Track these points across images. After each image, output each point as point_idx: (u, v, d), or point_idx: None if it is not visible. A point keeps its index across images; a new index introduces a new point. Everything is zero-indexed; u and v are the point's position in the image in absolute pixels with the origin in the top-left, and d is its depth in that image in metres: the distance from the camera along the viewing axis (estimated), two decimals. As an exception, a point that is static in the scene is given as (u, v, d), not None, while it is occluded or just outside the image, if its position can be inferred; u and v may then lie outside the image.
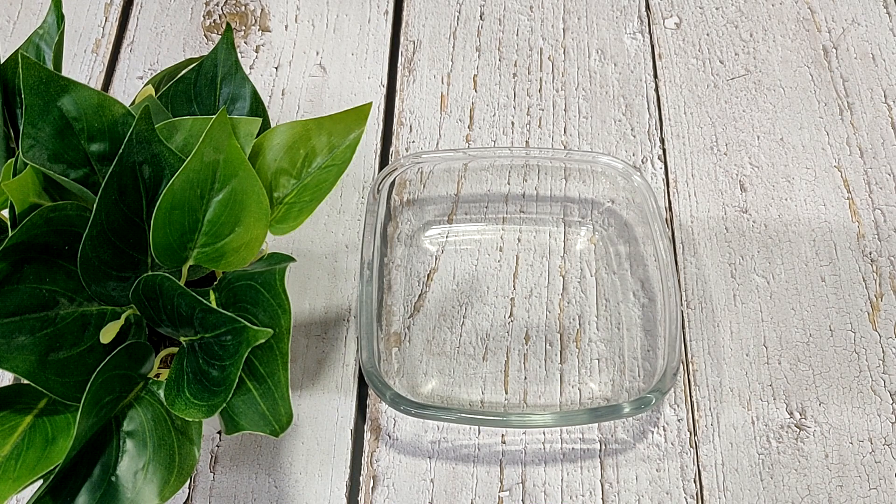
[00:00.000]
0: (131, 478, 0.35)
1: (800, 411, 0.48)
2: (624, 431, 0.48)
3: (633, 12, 0.64)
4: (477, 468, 0.47)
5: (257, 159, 0.41)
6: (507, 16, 0.64)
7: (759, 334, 0.51)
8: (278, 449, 0.47)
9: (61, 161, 0.36)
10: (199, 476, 0.47)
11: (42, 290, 0.34)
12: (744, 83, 0.61)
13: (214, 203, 0.37)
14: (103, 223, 0.35)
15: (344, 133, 0.42)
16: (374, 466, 0.47)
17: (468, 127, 0.59)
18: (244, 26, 0.64)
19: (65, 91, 0.36)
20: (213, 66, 0.43)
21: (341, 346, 0.51)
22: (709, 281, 0.53)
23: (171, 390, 0.36)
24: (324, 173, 0.41)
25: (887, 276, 0.53)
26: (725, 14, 0.64)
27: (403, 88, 0.61)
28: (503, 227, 0.55)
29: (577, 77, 0.61)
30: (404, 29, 0.64)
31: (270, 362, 0.35)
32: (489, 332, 0.51)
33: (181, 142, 0.38)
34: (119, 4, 0.65)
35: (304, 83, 0.61)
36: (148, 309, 0.37)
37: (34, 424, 0.36)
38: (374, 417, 0.49)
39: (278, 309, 0.35)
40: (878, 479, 0.46)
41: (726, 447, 0.47)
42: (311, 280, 0.53)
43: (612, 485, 0.47)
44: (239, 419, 0.35)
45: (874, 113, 0.59)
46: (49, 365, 0.34)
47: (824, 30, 0.63)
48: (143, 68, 0.62)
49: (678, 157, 0.57)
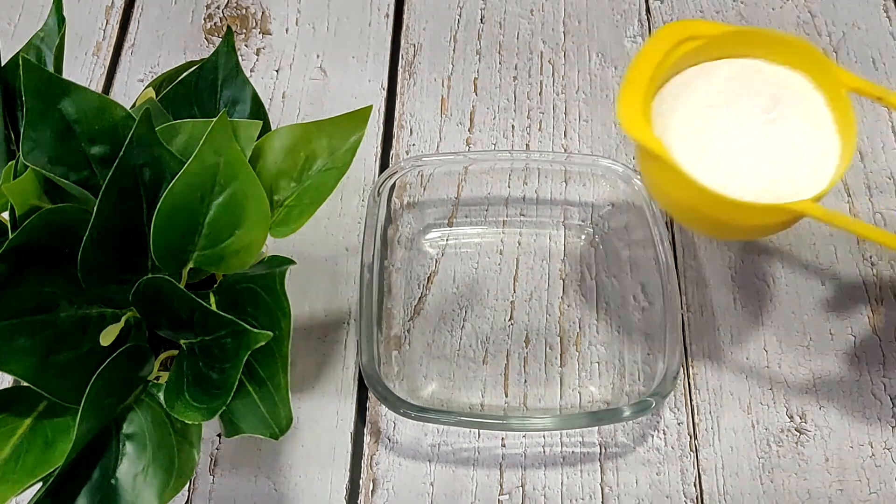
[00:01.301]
0: (131, 480, 0.35)
1: (800, 415, 0.48)
2: (624, 435, 0.48)
3: (634, 16, 0.64)
4: (477, 471, 0.47)
5: (258, 162, 0.41)
6: (507, 19, 0.64)
7: (760, 338, 0.51)
8: (278, 452, 0.47)
9: (62, 164, 0.36)
10: (198, 479, 0.47)
11: (42, 292, 0.34)
12: (744, 87, 0.61)
13: (215, 206, 0.37)
14: (103, 226, 0.35)
15: (344, 136, 0.42)
16: (374, 469, 0.47)
17: (468, 130, 0.59)
18: (245, 29, 0.64)
19: (65, 94, 0.36)
20: (214, 68, 0.43)
21: (341, 349, 0.51)
22: (709, 285, 0.52)
23: (170, 393, 0.36)
24: (324, 176, 0.41)
25: (887, 280, 0.53)
26: (726, 17, 0.64)
27: (404, 91, 0.61)
28: (503, 231, 0.55)
29: (578, 80, 0.61)
30: (405, 32, 0.64)
31: (270, 365, 0.35)
32: (489, 336, 0.51)
33: (182, 144, 0.38)
34: (120, 7, 0.65)
35: (304, 86, 0.61)
36: (148, 311, 0.37)
37: (34, 427, 0.36)
38: (373, 420, 0.49)
39: (278, 312, 0.35)
40: (879, 483, 0.46)
41: (726, 451, 0.47)
42: (312, 283, 0.53)
43: (612, 488, 0.46)
44: (239, 422, 0.35)
45: (874, 116, 0.59)
46: (49, 367, 0.34)
47: (824, 34, 0.63)
48: (143, 71, 0.62)
49: (678, 161, 0.57)
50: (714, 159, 0.42)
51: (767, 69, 0.44)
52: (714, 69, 0.45)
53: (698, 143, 0.42)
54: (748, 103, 0.43)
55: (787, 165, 0.42)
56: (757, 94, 0.44)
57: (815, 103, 0.44)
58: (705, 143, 0.42)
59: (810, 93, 0.44)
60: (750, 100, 0.43)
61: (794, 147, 0.42)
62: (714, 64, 0.45)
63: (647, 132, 0.40)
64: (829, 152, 0.42)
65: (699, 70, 0.45)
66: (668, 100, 0.44)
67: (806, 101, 0.44)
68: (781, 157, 0.42)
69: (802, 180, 0.42)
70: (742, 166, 0.42)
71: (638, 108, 0.41)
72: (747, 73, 0.45)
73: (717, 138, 0.42)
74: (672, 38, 0.43)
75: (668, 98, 0.44)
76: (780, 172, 0.42)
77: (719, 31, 0.43)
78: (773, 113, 0.43)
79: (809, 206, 0.39)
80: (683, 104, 0.44)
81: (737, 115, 0.43)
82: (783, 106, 0.43)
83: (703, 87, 0.44)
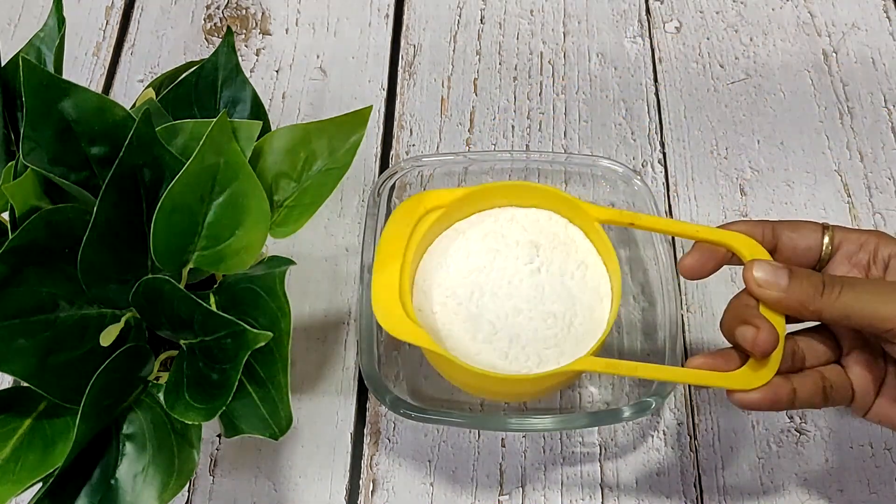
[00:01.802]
0: (131, 481, 0.35)
1: (800, 415, 0.48)
2: (624, 435, 0.48)
3: (634, 16, 0.64)
4: (477, 472, 0.47)
5: (257, 162, 0.41)
6: (507, 20, 0.64)
7: (760, 338, 0.51)
8: (278, 452, 0.47)
9: (62, 164, 0.36)
10: (198, 479, 0.47)
11: (42, 292, 0.34)
12: (744, 87, 0.61)
13: (215, 206, 0.37)
14: (103, 226, 0.35)
15: (344, 136, 0.42)
16: (374, 470, 0.47)
17: (468, 130, 0.59)
18: (245, 30, 0.64)
19: (65, 94, 0.36)
20: (214, 69, 0.43)
21: (341, 349, 0.51)
22: (708, 284, 0.52)
23: (170, 393, 0.36)
24: (324, 176, 0.41)
25: (887, 280, 0.53)
26: (725, 18, 0.64)
27: (404, 92, 0.61)
28: (503, 231, 0.55)
29: (578, 81, 0.61)
30: (405, 32, 0.64)
31: (270, 365, 0.35)
32: (489, 336, 0.51)
33: (181, 145, 0.38)
34: (120, 7, 0.65)
35: (304, 86, 0.61)
36: (148, 312, 0.37)
37: (34, 427, 0.36)
38: (373, 421, 0.49)
39: (278, 312, 0.35)
40: (879, 484, 0.46)
41: (726, 451, 0.47)
42: (312, 283, 0.53)
43: (612, 489, 0.46)
44: (238, 422, 0.35)
45: (874, 117, 0.59)
46: (49, 368, 0.34)
47: (824, 34, 0.63)
48: (143, 71, 0.62)
49: (678, 161, 0.57)
50: (489, 329, 0.41)
51: (520, 214, 0.43)
52: (469, 228, 0.44)
53: (469, 315, 0.42)
54: (509, 257, 0.43)
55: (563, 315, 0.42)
56: (515, 244, 0.43)
57: (574, 239, 0.43)
58: (475, 313, 0.42)
59: (567, 229, 0.44)
60: (510, 252, 0.43)
61: (566, 291, 0.42)
62: (469, 221, 0.44)
63: (411, 330, 0.39)
64: (601, 285, 0.43)
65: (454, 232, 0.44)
66: (430, 273, 0.43)
67: (565, 240, 0.43)
68: (554, 306, 0.42)
69: (581, 326, 0.42)
70: (518, 328, 0.41)
71: (396, 307, 0.40)
72: (501, 224, 0.44)
73: (487, 304, 0.42)
74: (411, 215, 0.42)
75: (429, 271, 0.43)
76: (558, 324, 0.41)
77: (456, 197, 0.43)
78: (535, 261, 0.43)
79: (588, 362, 0.39)
80: (445, 276, 0.43)
81: (501, 273, 0.42)
82: (544, 251, 0.42)
83: (461, 251, 0.43)
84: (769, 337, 0.36)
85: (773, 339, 0.36)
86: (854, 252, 0.39)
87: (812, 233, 0.40)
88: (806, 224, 0.40)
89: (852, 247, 0.39)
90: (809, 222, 0.40)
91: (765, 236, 0.40)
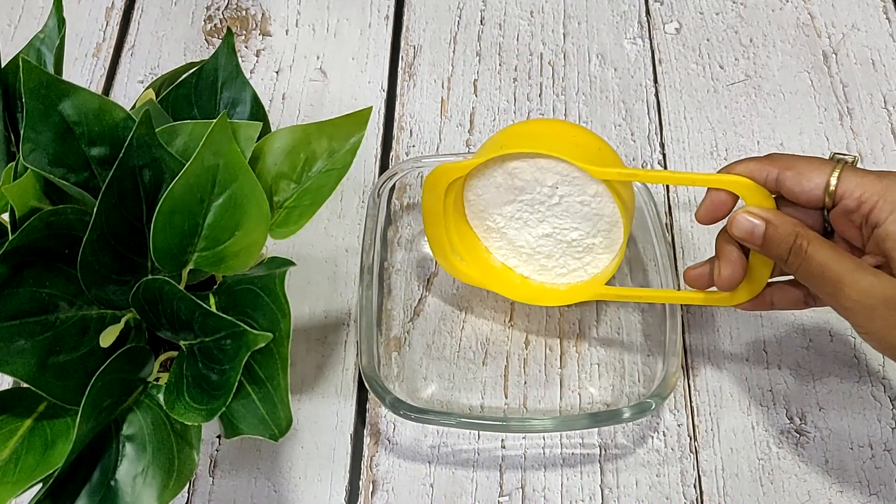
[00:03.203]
0: (130, 482, 0.35)
1: (800, 416, 0.48)
2: (624, 436, 0.48)
3: (634, 17, 0.64)
4: (477, 473, 0.47)
5: (257, 163, 0.41)
6: (507, 21, 0.64)
7: (759, 339, 0.51)
8: (278, 453, 0.47)
9: (62, 165, 0.36)
10: (198, 480, 0.47)
11: (42, 293, 0.34)
12: (744, 88, 0.61)
13: (214, 207, 0.37)
14: (103, 227, 0.35)
15: (344, 137, 0.42)
16: (374, 471, 0.47)
17: (468, 131, 0.59)
18: (245, 31, 0.64)
19: (65, 95, 0.36)
20: (214, 70, 0.43)
21: (341, 350, 0.51)
22: (709, 286, 0.52)
23: (170, 394, 0.36)
24: (324, 177, 0.41)
25: (887, 281, 0.53)
26: (725, 19, 0.64)
27: (404, 93, 0.61)
28: (503, 232, 0.55)
29: (578, 82, 0.61)
30: (405, 33, 0.64)
31: (270, 366, 0.35)
32: (489, 337, 0.51)
33: (181, 146, 0.39)
34: (120, 8, 0.65)
35: (304, 87, 0.61)
36: (148, 313, 0.37)
37: (33, 428, 0.36)
38: (373, 422, 0.49)
39: (278, 313, 0.35)
40: (879, 485, 0.46)
41: (726, 452, 0.47)
42: (311, 284, 0.53)
43: (612, 490, 0.46)
44: (238, 423, 0.35)
45: (874, 118, 0.59)
46: (48, 368, 0.34)
47: (824, 35, 0.63)
48: (143, 72, 0.62)
49: (678, 162, 0.57)
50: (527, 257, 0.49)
51: (542, 161, 0.45)
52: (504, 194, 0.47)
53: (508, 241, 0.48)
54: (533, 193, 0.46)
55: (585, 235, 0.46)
56: (539, 184, 0.45)
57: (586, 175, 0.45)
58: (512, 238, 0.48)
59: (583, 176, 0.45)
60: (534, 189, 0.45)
61: (586, 215, 0.46)
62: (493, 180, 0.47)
63: (462, 273, 0.49)
64: (615, 212, 0.45)
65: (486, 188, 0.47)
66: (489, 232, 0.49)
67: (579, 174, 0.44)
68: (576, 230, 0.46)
69: (601, 243, 0.47)
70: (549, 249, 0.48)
71: (451, 258, 0.49)
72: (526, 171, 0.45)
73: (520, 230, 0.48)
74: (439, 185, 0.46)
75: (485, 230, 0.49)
76: (583, 243, 0.47)
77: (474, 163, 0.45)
78: (554, 198, 0.45)
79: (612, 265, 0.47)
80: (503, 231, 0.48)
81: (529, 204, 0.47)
82: (563, 185, 0.45)
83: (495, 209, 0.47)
84: (728, 279, 0.42)
85: (730, 283, 0.42)
86: (852, 209, 0.39)
87: (817, 177, 0.39)
88: (813, 166, 0.39)
89: (851, 203, 0.39)
90: (818, 162, 0.40)
91: (768, 178, 0.40)
